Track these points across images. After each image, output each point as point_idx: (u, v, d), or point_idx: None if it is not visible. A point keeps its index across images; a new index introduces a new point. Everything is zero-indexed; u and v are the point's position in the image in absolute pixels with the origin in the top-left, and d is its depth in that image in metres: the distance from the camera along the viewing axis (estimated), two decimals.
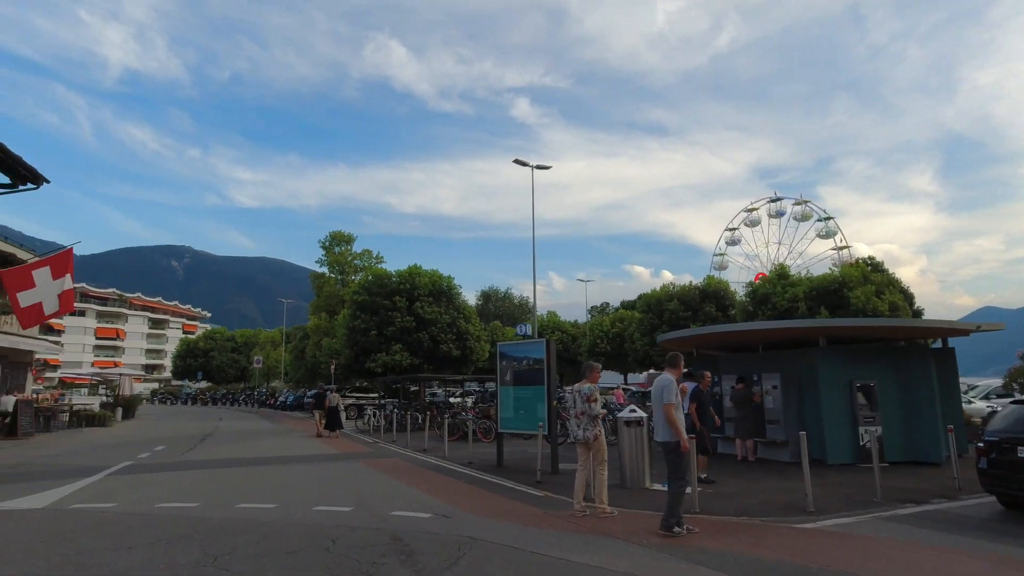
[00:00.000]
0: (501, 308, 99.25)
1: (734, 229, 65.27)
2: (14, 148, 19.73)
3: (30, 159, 20.27)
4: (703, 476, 9.10)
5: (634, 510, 7.54)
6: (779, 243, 64.38)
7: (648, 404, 15.02)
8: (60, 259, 18.76)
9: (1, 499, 8.09)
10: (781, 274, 34.17)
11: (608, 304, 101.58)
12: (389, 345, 32.01)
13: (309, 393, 36.93)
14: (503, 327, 63.81)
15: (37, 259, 19.28)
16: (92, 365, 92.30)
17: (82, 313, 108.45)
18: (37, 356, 29.88)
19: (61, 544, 5.72)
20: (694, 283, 41.36)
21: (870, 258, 35.45)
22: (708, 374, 10.94)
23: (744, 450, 12.54)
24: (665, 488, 9.49)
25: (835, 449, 11.55)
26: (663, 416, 6.28)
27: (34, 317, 18.26)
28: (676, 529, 6.11)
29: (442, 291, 34.76)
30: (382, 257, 49.21)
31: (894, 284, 32.92)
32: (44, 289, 18.30)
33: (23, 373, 23.56)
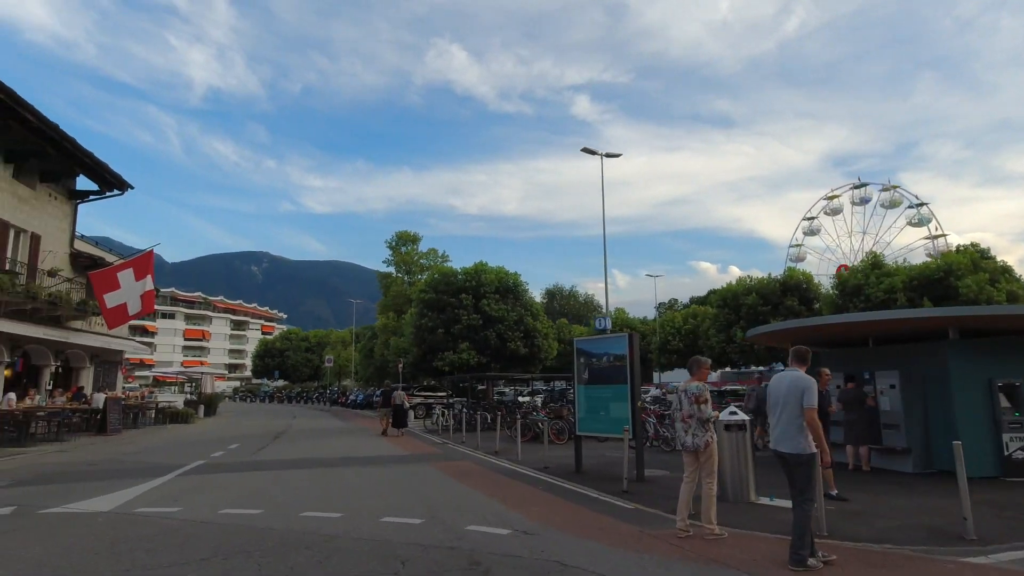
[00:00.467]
0: (566, 306, 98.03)
1: (812, 218, 61.30)
2: (113, 165, 20.49)
3: (127, 175, 21.01)
4: (833, 493, 7.80)
5: (745, 530, 6.43)
6: (863, 232, 59.97)
7: (736, 405, 13.61)
8: (142, 261, 19.32)
9: (75, 499, 7.91)
10: (875, 263, 31.34)
11: (676, 300, 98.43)
12: (456, 343, 31.64)
13: (377, 392, 37.20)
14: (569, 324, 62.71)
15: (121, 261, 19.98)
16: (181, 365, 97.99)
17: (172, 316, 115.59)
18: (127, 356, 31.46)
19: (116, 559, 5.27)
20: (773, 276, 38.88)
21: (974, 244, 31.95)
22: (827, 371, 9.59)
23: (856, 458, 11.02)
24: (772, 502, 8.34)
25: (974, 459, 9.88)
26: (794, 422, 5.16)
27: (119, 317, 18.90)
28: (811, 561, 4.98)
29: (508, 288, 34.09)
30: (448, 256, 49.31)
31: (1009, 272, 29.52)
32: (128, 290, 18.88)
33: (114, 372, 24.67)
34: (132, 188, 22.23)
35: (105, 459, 13.04)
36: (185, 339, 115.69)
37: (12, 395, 16.53)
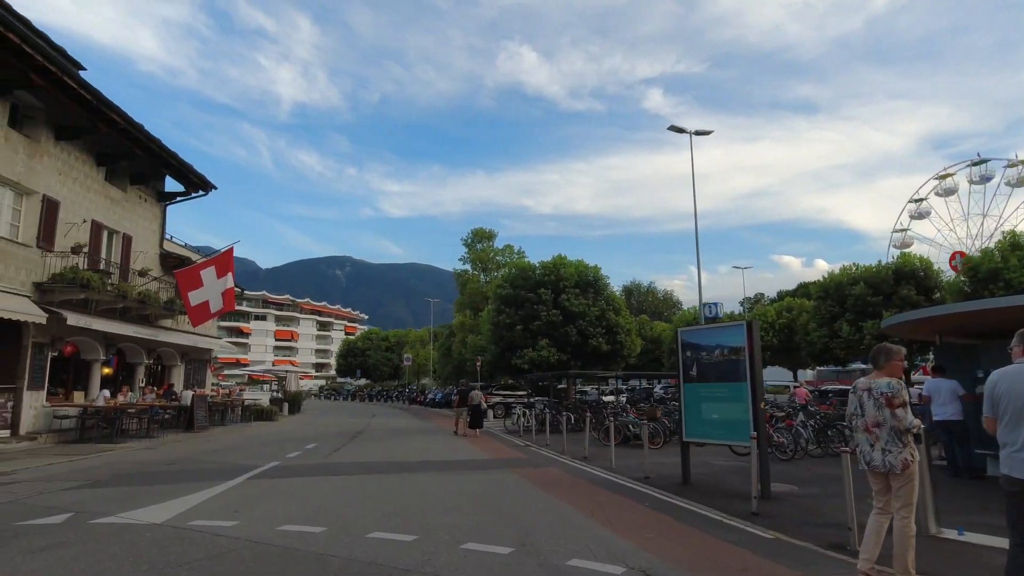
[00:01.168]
0: (645, 303, 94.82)
1: (920, 200, 55.45)
2: (212, 178, 20.75)
3: (225, 189, 21.19)
4: None
5: None
6: (984, 214, 53.51)
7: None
8: (223, 259, 19.36)
9: (135, 506, 7.28)
10: (1014, 244, 27.22)
11: (763, 295, 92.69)
12: (535, 340, 30.42)
13: (453, 391, 36.64)
14: (651, 321, 60.06)
15: (203, 260, 20.16)
16: (272, 364, 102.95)
17: (263, 317, 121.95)
18: (219, 355, 32.51)
19: None
20: (883, 263, 34.98)
21: None
22: None
23: None
24: (961, 536, 6.44)
25: None
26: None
27: (202, 315, 19.00)
28: None
29: (589, 282, 32.50)
30: (523, 252, 48.22)
31: None
32: (210, 288, 18.94)
33: (203, 370, 25.27)
34: (215, 188, 22.55)
35: (183, 458, 12.75)
36: (276, 339, 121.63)
37: (107, 392, 16.86)
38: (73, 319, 15.24)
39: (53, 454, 13.10)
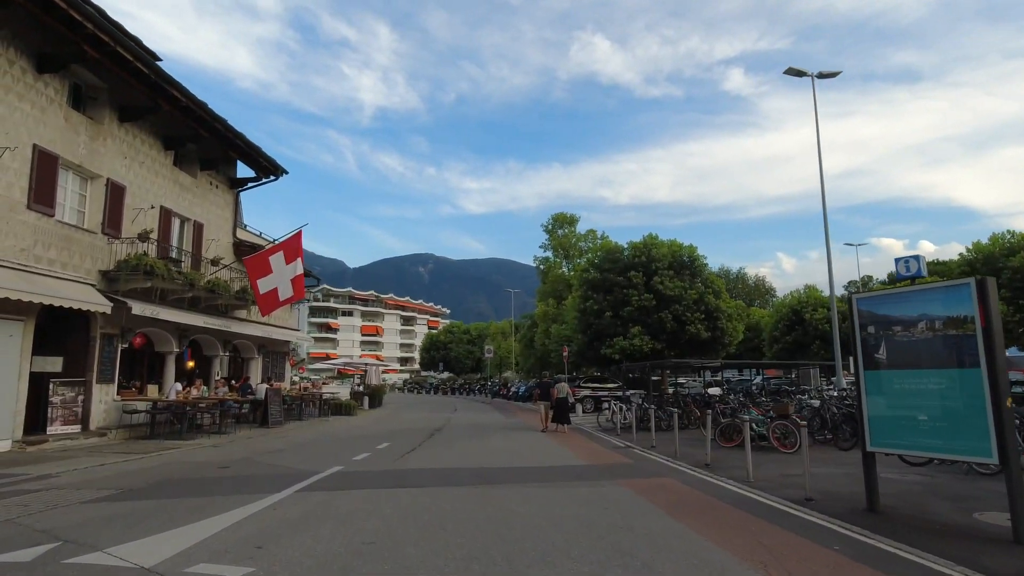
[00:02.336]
0: (736, 290, 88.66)
1: None
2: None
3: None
4: None
5: None
6: None
7: None
8: (291, 244, 18.17)
9: (135, 533, 5.66)
10: None
11: (871, 277, 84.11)
12: (626, 327, 27.76)
13: (536, 384, 34.55)
14: (747, 307, 55.36)
15: (271, 245, 19.14)
16: (359, 358, 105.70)
17: (350, 313, 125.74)
18: (307, 348, 32.24)
19: None
20: None
21: None
22: None
23: None
24: None
25: None
26: None
27: (271, 303, 17.89)
28: None
29: (683, 263, 29.41)
30: (607, 236, 45.34)
31: None
32: (279, 275, 17.77)
33: (281, 362, 24.64)
34: (286, 173, 21.62)
35: (243, 458, 11.39)
36: (362, 335, 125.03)
37: (178, 385, 16.08)
38: (139, 308, 14.40)
39: (114, 452, 12.16)
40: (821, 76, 18.61)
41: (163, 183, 17.18)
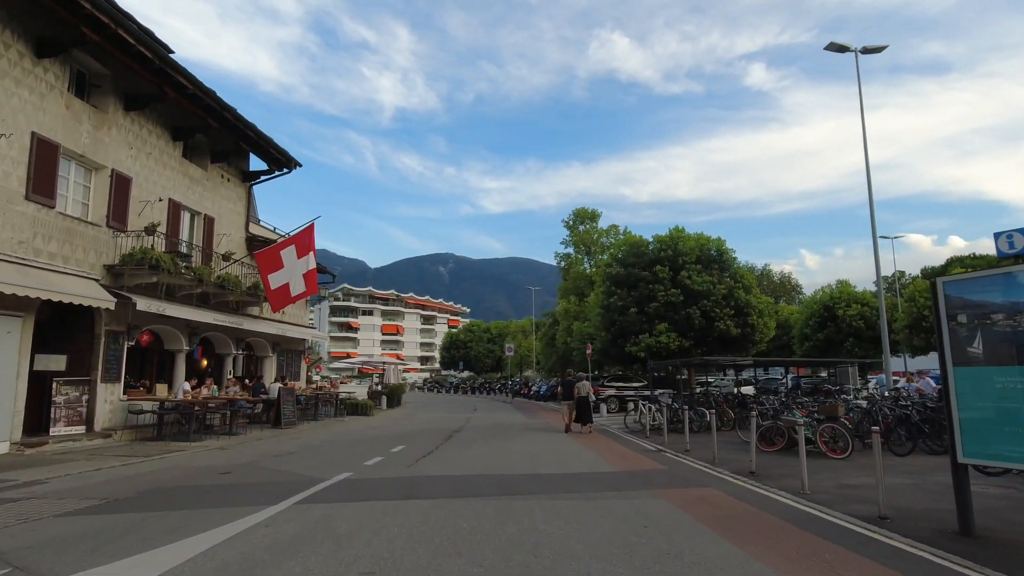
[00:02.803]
0: (760, 286, 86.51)
1: None
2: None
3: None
4: None
5: None
6: None
7: None
8: (303, 237, 17.47)
9: (106, 555, 4.86)
10: None
11: (903, 272, 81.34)
12: (652, 324, 26.63)
13: (560, 382, 33.58)
14: (775, 303, 53.62)
15: (283, 239, 18.48)
16: (380, 357, 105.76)
17: (370, 312, 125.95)
18: (327, 348, 31.66)
19: None
20: None
21: None
22: None
23: None
24: None
25: None
26: None
27: (282, 299, 17.20)
28: None
29: (711, 257, 28.17)
30: (630, 232, 44.14)
31: None
32: (291, 269, 17.08)
33: (297, 361, 24.05)
34: (300, 166, 20.98)
35: (248, 463, 10.66)
36: (382, 334, 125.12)
37: (187, 385, 15.48)
38: (144, 304, 13.79)
39: (115, 455, 11.53)
40: (865, 51, 17.27)
41: (171, 175, 16.60)
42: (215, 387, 16.54)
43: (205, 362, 19.54)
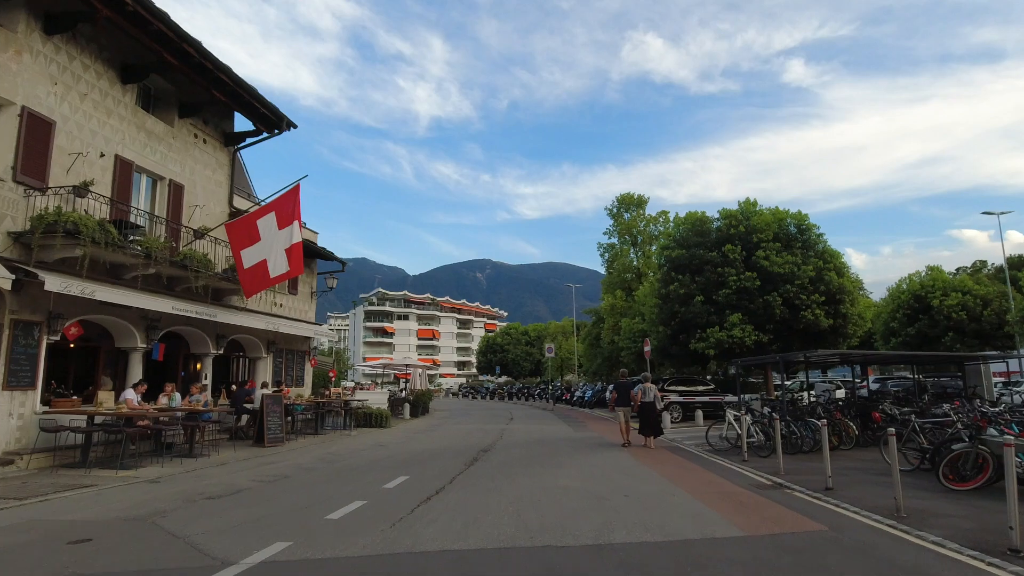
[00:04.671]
0: None
1: None
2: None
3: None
4: None
5: None
6: None
7: None
8: (285, 203, 13.55)
9: None
10: None
11: (985, 263, 73.59)
12: (722, 315, 22.10)
13: (611, 386, 29.15)
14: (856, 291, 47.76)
15: (260, 206, 14.83)
16: (416, 361, 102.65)
17: (406, 317, 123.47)
18: (345, 353, 28.07)
19: None
20: None
21: None
22: None
23: None
24: None
25: None
26: None
27: (258, 280, 13.20)
28: None
29: (791, 236, 23.49)
30: (680, 217, 39.44)
31: None
32: (269, 242, 13.13)
33: (300, 363, 20.42)
34: (295, 127, 17.37)
35: (143, 516, 6.81)
36: (418, 338, 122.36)
37: (131, 392, 11.84)
38: (56, 283, 10.21)
39: None
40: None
41: (120, 126, 13.11)
42: (175, 395, 12.89)
43: (199, 367, 16.11)
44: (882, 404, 14.57)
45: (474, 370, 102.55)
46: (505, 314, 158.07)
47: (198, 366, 16.22)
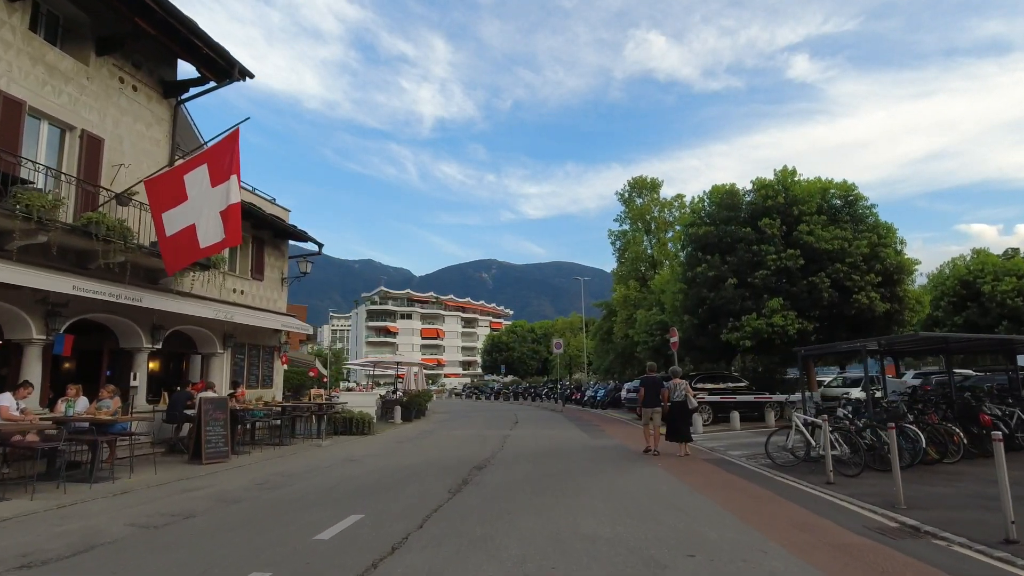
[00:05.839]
0: None
1: None
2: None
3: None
4: None
5: None
6: None
7: None
8: (220, 153, 10.45)
9: None
10: None
11: (1018, 250, 69.94)
12: (759, 300, 19.01)
13: (630, 384, 26.08)
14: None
15: (189, 158, 11.88)
16: (410, 359, 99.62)
17: (409, 316, 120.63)
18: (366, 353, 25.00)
19: None
20: None
21: None
22: None
23: None
24: None
25: None
26: None
27: (184, 250, 10.04)
28: None
29: (837, 208, 20.39)
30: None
31: None
32: (199, 203, 9.93)
33: (268, 362, 17.48)
34: (251, 76, 14.41)
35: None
36: (422, 338, 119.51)
37: (6, 399, 8.89)
38: None
39: None
40: None
41: (3, 55, 10.20)
42: (77, 400, 9.94)
43: (155, 365, 13.20)
44: (984, 403, 11.47)
45: (479, 370, 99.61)
46: (511, 312, 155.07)
47: (155, 365, 13.33)
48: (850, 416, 10.72)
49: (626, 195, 39.38)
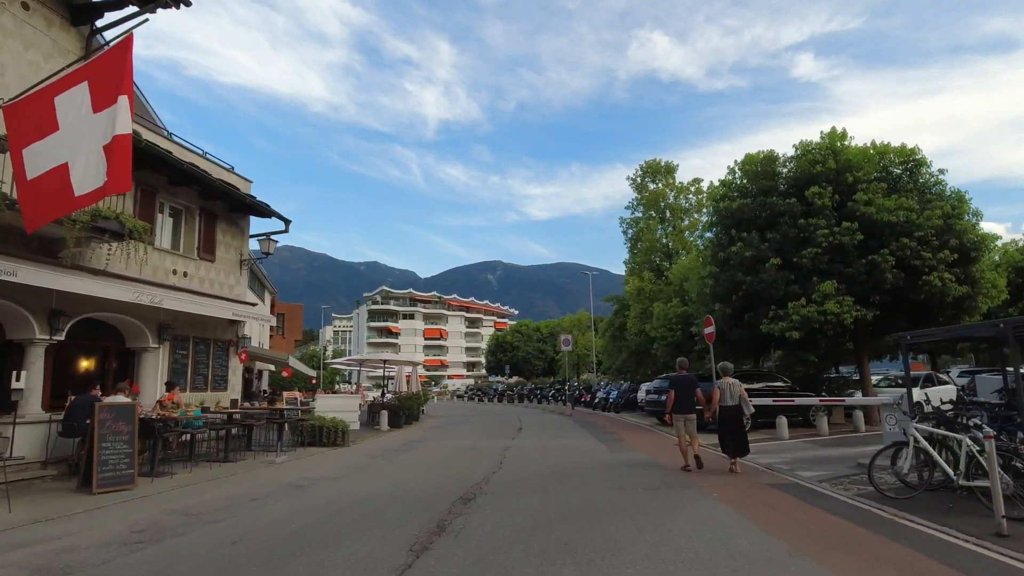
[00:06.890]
0: None
1: None
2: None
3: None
4: None
5: None
6: None
7: None
8: (106, 66, 7.24)
9: None
10: None
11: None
12: (807, 285, 15.99)
13: (649, 385, 23.04)
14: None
15: (64, 73, 8.99)
16: (423, 364, 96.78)
17: (411, 316, 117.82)
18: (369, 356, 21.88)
19: None
20: None
21: None
22: None
23: None
24: None
25: None
26: None
27: (52, 199, 6.51)
28: None
29: (897, 177, 17.36)
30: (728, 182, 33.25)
31: None
32: (75, 134, 6.74)
33: (221, 359, 14.56)
34: (187, 4, 11.54)
35: None
36: (425, 338, 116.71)
37: None
38: None
39: None
40: None
41: None
42: None
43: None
44: None
45: (484, 371, 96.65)
46: (516, 312, 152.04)
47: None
48: (976, 424, 7.69)
49: (638, 180, 36.40)
